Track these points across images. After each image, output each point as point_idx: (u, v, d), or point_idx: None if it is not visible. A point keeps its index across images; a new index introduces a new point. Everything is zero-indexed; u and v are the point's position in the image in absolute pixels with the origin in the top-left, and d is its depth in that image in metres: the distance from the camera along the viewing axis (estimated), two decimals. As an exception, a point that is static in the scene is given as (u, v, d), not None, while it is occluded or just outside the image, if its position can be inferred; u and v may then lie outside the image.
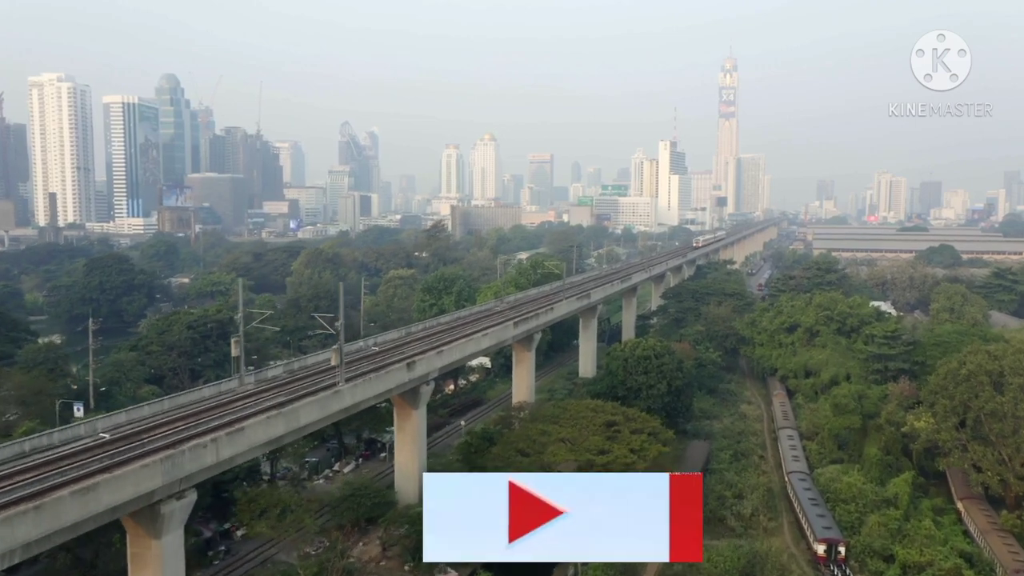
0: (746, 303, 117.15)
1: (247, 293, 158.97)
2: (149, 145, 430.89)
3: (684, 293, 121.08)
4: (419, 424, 54.52)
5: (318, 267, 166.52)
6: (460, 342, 59.90)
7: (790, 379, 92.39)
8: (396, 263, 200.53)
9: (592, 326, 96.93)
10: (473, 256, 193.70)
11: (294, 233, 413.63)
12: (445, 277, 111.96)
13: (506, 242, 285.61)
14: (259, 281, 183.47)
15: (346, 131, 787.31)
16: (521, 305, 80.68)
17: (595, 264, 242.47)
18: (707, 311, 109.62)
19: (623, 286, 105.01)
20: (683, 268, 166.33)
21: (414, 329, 67.74)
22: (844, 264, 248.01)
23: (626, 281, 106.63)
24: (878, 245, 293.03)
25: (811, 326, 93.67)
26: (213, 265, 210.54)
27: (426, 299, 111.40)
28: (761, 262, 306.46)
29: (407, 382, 51.99)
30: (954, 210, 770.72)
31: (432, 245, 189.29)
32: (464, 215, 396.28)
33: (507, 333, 64.29)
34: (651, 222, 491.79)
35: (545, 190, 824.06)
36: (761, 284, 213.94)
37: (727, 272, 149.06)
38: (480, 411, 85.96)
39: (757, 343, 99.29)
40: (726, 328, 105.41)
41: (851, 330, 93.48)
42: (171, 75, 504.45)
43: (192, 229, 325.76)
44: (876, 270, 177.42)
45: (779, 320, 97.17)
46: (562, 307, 78.96)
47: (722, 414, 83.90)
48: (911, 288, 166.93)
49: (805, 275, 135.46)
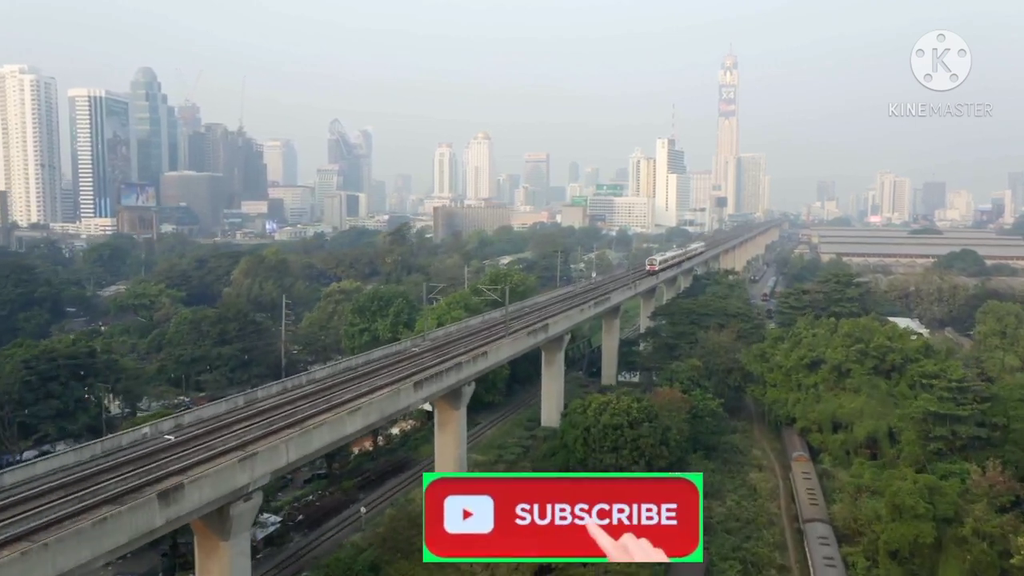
0: (753, 326, 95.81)
1: (175, 307, 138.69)
2: (118, 141, 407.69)
3: (678, 313, 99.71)
4: (232, 564, 33.11)
5: (259, 276, 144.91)
6: (313, 427, 37.40)
7: (812, 432, 71.15)
8: (358, 270, 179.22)
9: (558, 362, 75.67)
10: (441, 263, 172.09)
11: (271, 234, 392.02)
12: (380, 296, 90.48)
13: (488, 245, 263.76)
14: (198, 291, 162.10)
15: (335, 129, 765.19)
16: (447, 346, 59.45)
17: (584, 270, 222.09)
18: (705, 338, 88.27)
19: (597, 310, 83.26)
20: (679, 279, 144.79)
21: (261, 395, 45.06)
22: (856, 270, 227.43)
23: (601, 304, 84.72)
24: (890, 249, 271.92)
25: (840, 363, 72.36)
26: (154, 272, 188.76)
27: (356, 322, 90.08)
28: (764, 267, 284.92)
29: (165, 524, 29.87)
30: (959, 211, 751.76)
31: (395, 250, 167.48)
32: (448, 216, 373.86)
33: (399, 402, 42.63)
34: (648, 223, 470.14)
35: (541, 190, 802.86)
36: (766, 293, 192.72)
37: (728, 285, 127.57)
38: (404, 480, 64.57)
39: (769, 383, 77.99)
40: (728, 361, 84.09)
41: (892, 369, 72.27)
42: (147, 69, 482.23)
43: (154, 230, 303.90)
44: (897, 280, 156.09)
45: (797, 354, 75.85)
46: (503, 350, 57.41)
47: (723, 486, 62.61)
48: (939, 302, 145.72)
49: (821, 289, 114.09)
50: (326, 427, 36.16)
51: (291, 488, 63.04)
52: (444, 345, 59.62)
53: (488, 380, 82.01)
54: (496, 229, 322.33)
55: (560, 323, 70.41)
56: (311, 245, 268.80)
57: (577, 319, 75.51)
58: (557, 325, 69.47)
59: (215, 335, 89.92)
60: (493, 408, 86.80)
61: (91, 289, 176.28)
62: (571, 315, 74.80)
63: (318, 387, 44.90)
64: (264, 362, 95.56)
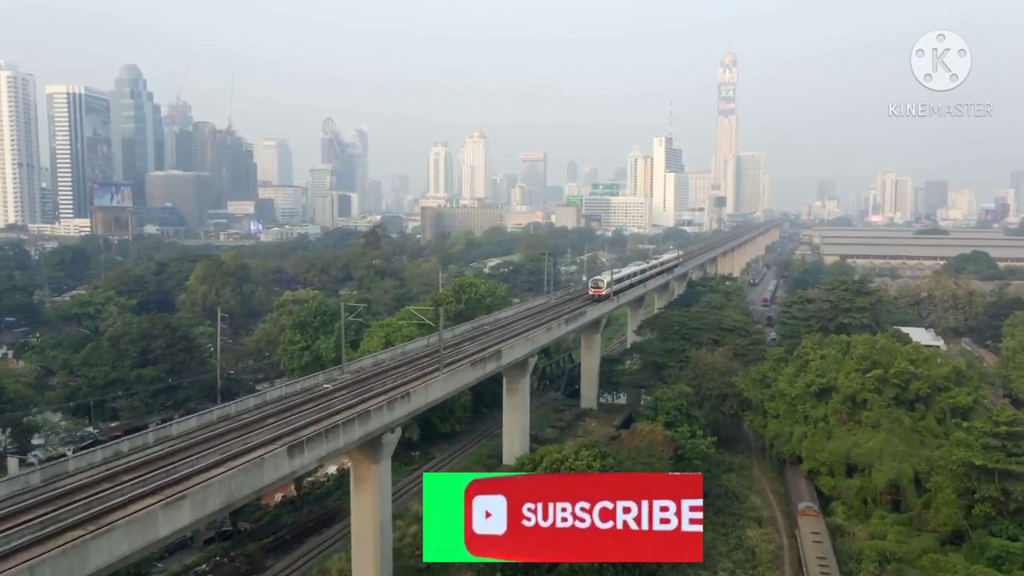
0: (751, 342, 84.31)
1: (124, 316, 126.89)
2: (98, 139, 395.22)
3: (668, 326, 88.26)
4: None
5: (216, 283, 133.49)
6: (101, 532, 24.02)
7: (822, 475, 59.73)
8: (331, 275, 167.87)
9: (522, 390, 64.21)
10: (417, 267, 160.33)
11: (256, 235, 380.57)
12: (323, 311, 78.93)
13: (475, 247, 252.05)
14: (156, 298, 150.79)
15: (328, 128, 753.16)
16: (371, 380, 47.58)
17: (576, 273, 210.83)
18: (697, 357, 76.82)
19: (567, 328, 71.24)
20: (671, 285, 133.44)
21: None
22: (861, 273, 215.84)
23: (574, 321, 72.74)
24: (896, 251, 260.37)
25: (855, 393, 60.94)
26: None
27: (297, 340, 78.52)
28: (764, 269, 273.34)
29: None
30: (961, 210, 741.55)
31: (368, 254, 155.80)
32: (437, 216, 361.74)
33: (263, 476, 30.14)
34: (645, 223, 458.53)
35: (538, 190, 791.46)
36: (766, 298, 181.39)
37: (725, 292, 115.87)
38: (328, 540, 53.01)
39: (770, 412, 66.56)
40: (723, 385, 72.68)
41: (916, 399, 60.90)
42: (132, 66, 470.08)
43: (130, 231, 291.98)
44: (908, 286, 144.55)
45: (803, 380, 64.39)
46: (433, 389, 45.07)
47: (715, 547, 51.23)
48: (954, 309, 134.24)
49: (827, 298, 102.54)
50: (118, 534, 23.89)
51: (186, 552, 51.55)
52: (368, 379, 48.10)
53: (445, 407, 70.93)
54: (486, 230, 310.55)
55: (519, 347, 58.83)
56: (288, 247, 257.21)
57: (543, 341, 63.90)
58: (514, 350, 57.84)
59: (136, 354, 78.43)
60: (453, 439, 75.49)
61: (47, 295, 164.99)
62: (535, 336, 63.16)
63: (160, 451, 33.18)
64: (199, 384, 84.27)
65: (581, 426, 79.09)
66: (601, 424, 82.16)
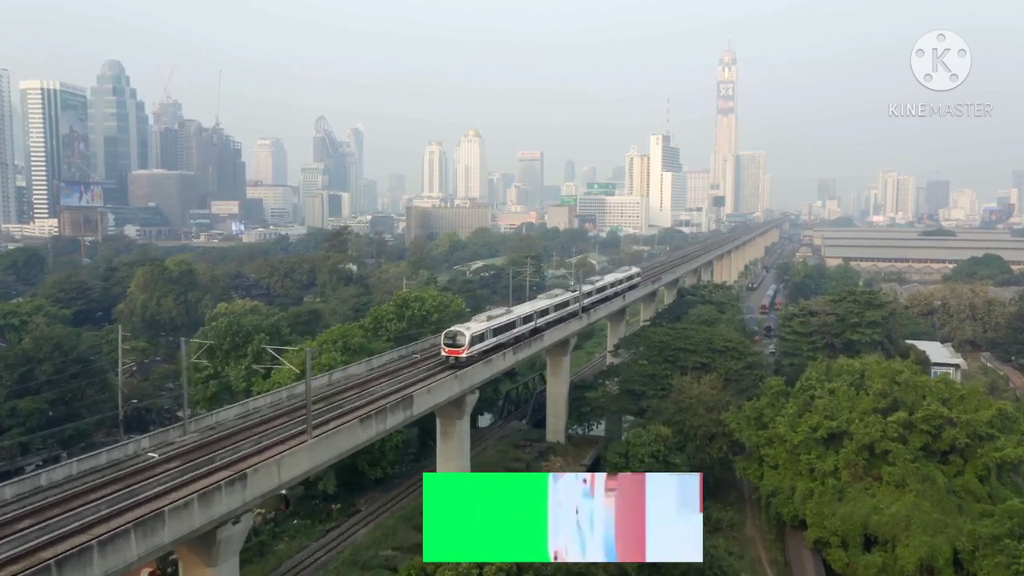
0: (747, 365, 71.65)
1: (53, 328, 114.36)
2: (75, 136, 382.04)
3: (650, 346, 75.51)
4: None
5: (157, 291, 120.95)
6: None
7: (832, 547, 47.23)
8: (295, 281, 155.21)
9: (458, 434, 51.64)
10: (384, 273, 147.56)
11: (238, 236, 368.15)
12: (238, 331, 66.30)
13: (460, 249, 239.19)
14: (100, 306, 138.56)
15: (321, 126, 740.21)
16: (228, 441, 34.69)
17: (565, 278, 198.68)
18: (680, 387, 64.28)
19: (503, 366, 56.58)
20: (660, 293, 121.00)
21: None
22: (866, 277, 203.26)
23: (523, 351, 58.80)
24: (901, 253, 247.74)
25: (873, 441, 48.47)
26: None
27: (205, 366, 65.84)
28: (763, 272, 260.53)
29: None
30: (963, 210, 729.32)
31: (331, 259, 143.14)
32: (423, 216, 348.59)
33: None
34: (641, 223, 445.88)
35: (534, 189, 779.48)
36: (765, 305, 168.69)
37: (718, 304, 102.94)
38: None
39: (767, 461, 54.04)
40: (711, 422, 60.17)
41: (950, 450, 48.48)
42: (114, 62, 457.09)
43: (99, 232, 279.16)
44: (919, 293, 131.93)
45: (808, 422, 51.82)
46: (299, 461, 31.87)
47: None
48: (971, 319, 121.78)
49: (833, 311, 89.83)
50: None
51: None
52: (219, 441, 35.49)
53: (374, 448, 58.45)
54: (473, 231, 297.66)
55: (441, 390, 45.97)
56: (258, 250, 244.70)
57: (477, 379, 50.85)
58: (434, 394, 45.09)
59: (11, 382, 65.86)
60: (388, 485, 62.87)
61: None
62: (472, 373, 50.11)
63: None
64: (98, 414, 71.67)
65: (543, 467, 66.86)
66: (568, 463, 69.83)
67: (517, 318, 61.25)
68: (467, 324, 55.56)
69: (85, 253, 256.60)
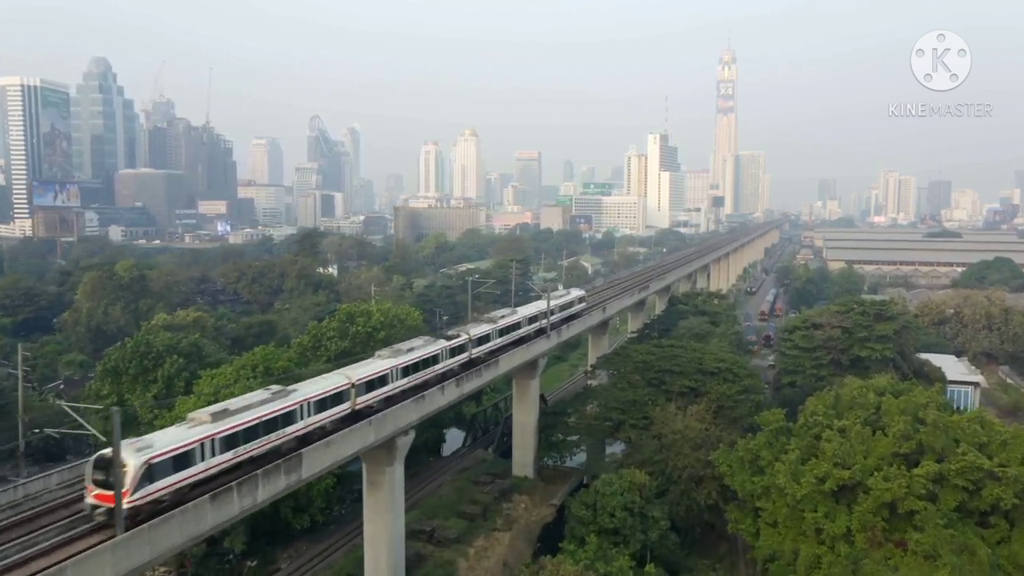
0: (742, 389, 62.07)
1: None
2: (56, 135, 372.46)
3: (632, 367, 65.96)
4: None
5: (105, 299, 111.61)
6: None
7: (845, 632, 37.79)
8: (264, 286, 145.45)
9: (388, 483, 42.25)
10: (355, 278, 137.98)
11: (223, 236, 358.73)
12: (147, 351, 56.81)
13: (447, 251, 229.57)
14: (50, 314, 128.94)
15: (315, 125, 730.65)
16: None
17: (554, 281, 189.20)
18: (663, 421, 54.91)
19: (427, 411, 45.30)
20: (651, 300, 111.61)
21: None
22: (871, 281, 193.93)
23: (466, 384, 48.00)
24: (906, 256, 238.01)
25: (896, 499, 39.03)
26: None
27: (106, 392, 56.30)
28: (763, 275, 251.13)
29: None
30: (965, 210, 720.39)
31: (298, 262, 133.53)
32: (412, 217, 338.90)
33: None
34: (638, 224, 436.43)
35: (532, 189, 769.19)
36: (764, 312, 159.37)
37: (713, 315, 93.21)
38: None
39: (764, 517, 44.61)
40: (697, 463, 50.78)
41: (993, 510, 39.09)
42: (101, 59, 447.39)
43: (74, 233, 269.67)
44: (932, 302, 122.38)
45: (813, 471, 42.35)
46: (97, 570, 22.14)
47: None
48: (988, 330, 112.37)
49: (840, 324, 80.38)
50: None
51: None
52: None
53: (299, 493, 49.23)
54: (463, 232, 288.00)
55: (340, 445, 35.61)
56: (231, 252, 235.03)
57: (402, 421, 40.90)
58: (331, 451, 34.86)
59: None
60: (316, 535, 53.49)
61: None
62: (392, 419, 40.36)
63: None
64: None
65: (504, 511, 57.39)
66: (535, 504, 60.26)
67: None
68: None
69: (61, 254, 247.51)
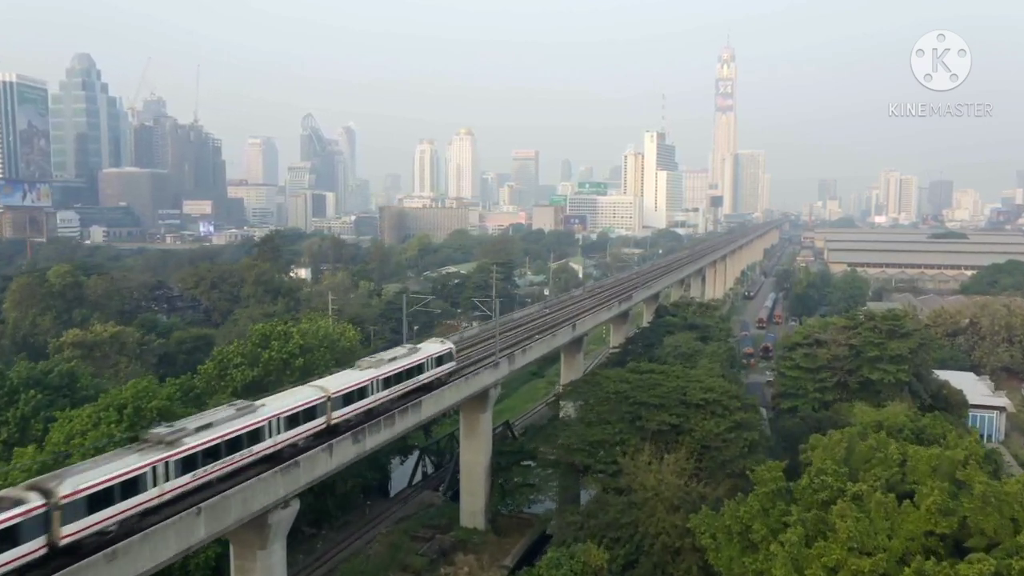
0: (732, 426, 51.63)
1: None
2: (34, 132, 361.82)
3: (602, 398, 55.61)
4: None
5: (34, 308, 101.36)
6: None
7: None
8: (224, 292, 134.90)
9: (261, 568, 31.82)
10: (324, 284, 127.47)
11: (206, 237, 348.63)
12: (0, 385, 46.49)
13: (431, 253, 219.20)
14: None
15: (308, 124, 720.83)
16: None
17: (541, 284, 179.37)
18: (634, 471, 44.51)
19: (364, 447, 33.77)
20: (638, 309, 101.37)
21: None
22: (876, 285, 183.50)
23: (412, 415, 37.84)
24: (911, 258, 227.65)
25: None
26: None
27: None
28: (762, 278, 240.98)
29: None
30: (967, 210, 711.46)
31: (258, 267, 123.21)
32: (398, 217, 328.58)
33: None
34: (634, 224, 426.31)
35: (529, 189, 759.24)
36: (762, 319, 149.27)
37: (703, 329, 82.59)
38: None
39: (756, 613, 34.11)
40: (674, 531, 40.38)
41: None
42: (84, 55, 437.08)
43: (44, 233, 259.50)
44: (945, 311, 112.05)
45: (825, 559, 31.90)
46: None
47: None
48: (1008, 343, 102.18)
49: (848, 341, 70.19)
50: None
51: None
52: None
53: (175, 567, 38.65)
54: (450, 233, 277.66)
55: (191, 529, 24.71)
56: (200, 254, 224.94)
57: (275, 494, 30.51)
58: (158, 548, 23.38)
59: None
60: None
61: None
62: (266, 483, 29.95)
63: None
64: None
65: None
66: (482, 567, 49.94)
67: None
68: None
69: (31, 256, 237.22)
